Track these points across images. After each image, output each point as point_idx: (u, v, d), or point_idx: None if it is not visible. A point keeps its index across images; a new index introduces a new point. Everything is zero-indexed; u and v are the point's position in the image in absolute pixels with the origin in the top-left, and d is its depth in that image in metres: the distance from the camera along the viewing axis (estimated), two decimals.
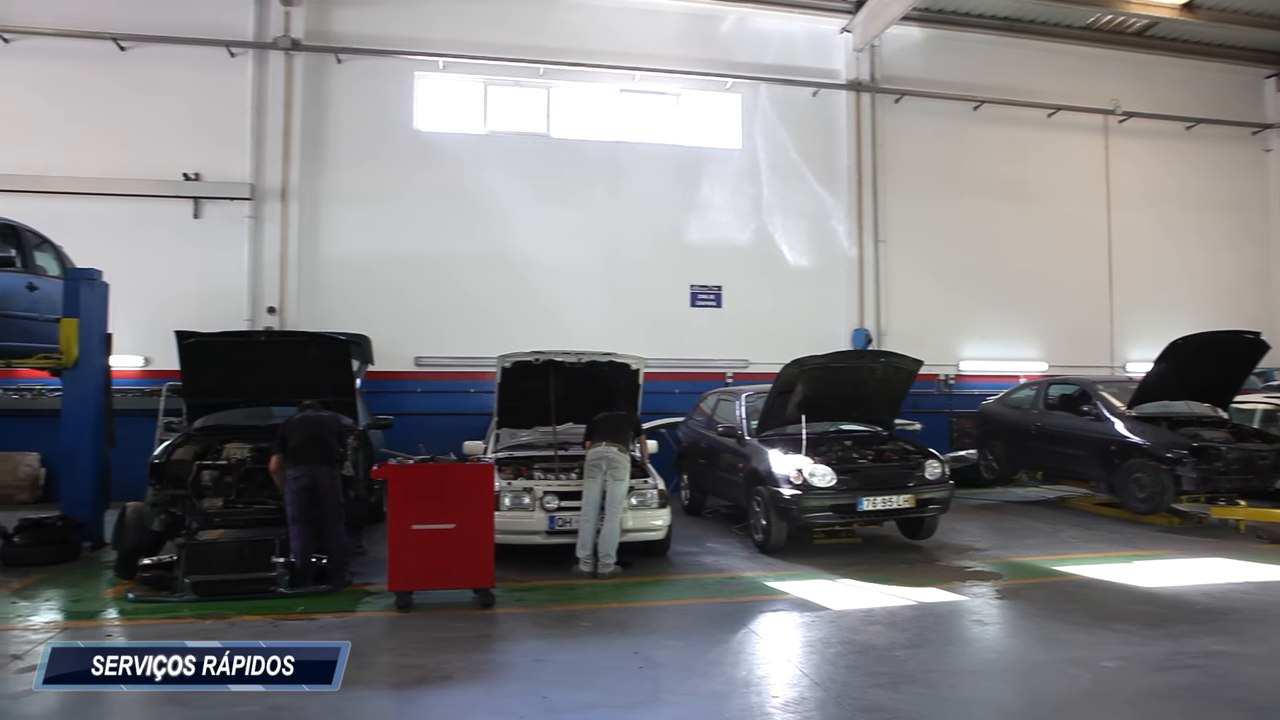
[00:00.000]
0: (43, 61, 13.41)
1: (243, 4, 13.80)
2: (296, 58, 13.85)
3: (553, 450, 9.11)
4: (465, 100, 14.69)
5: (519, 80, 14.69)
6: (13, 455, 12.71)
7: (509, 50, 14.32)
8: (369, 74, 14.16)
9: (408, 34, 14.17)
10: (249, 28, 13.80)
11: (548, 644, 6.24)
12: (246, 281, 13.50)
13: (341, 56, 14.05)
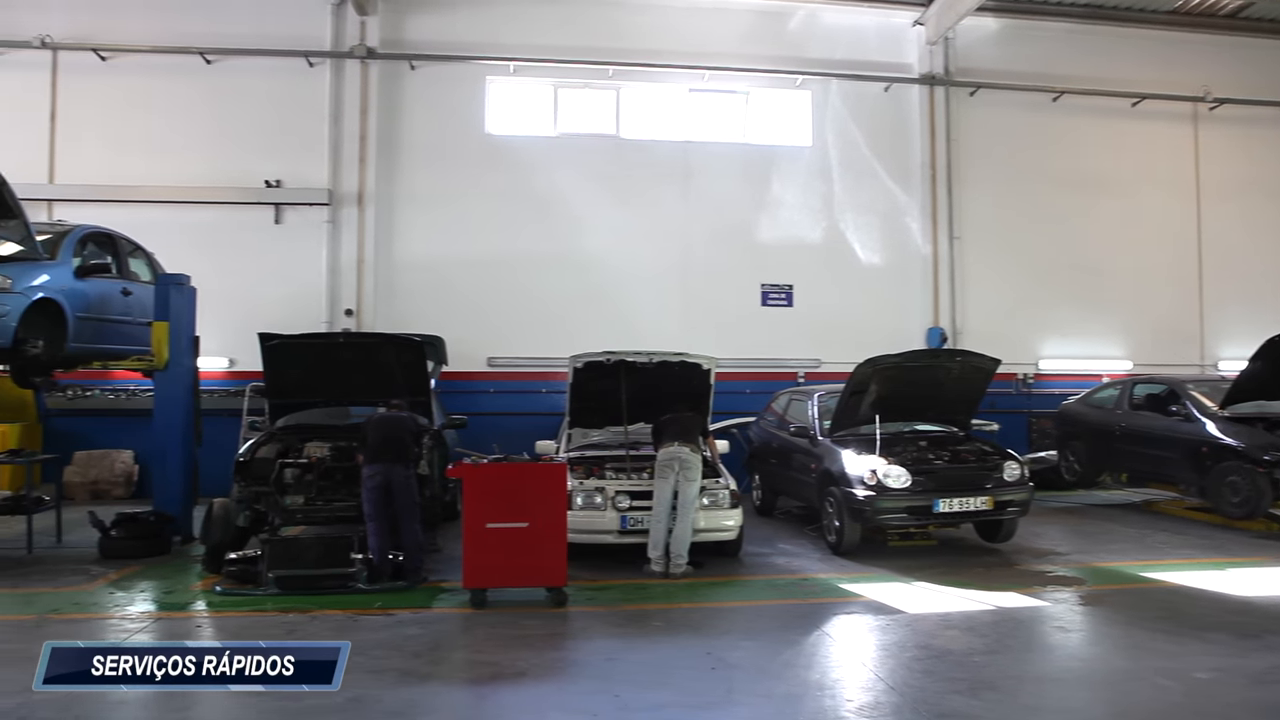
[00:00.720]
0: (136, 77, 14.00)
1: (321, 15, 14.19)
2: (372, 66, 14.18)
3: (624, 450, 9.14)
4: (536, 103, 14.84)
5: (588, 82, 14.79)
6: (109, 453, 13.31)
7: (578, 52, 14.43)
8: (441, 79, 14.42)
9: (479, 39, 14.38)
10: (326, 38, 14.18)
11: (620, 643, 6.27)
12: (325, 284, 13.89)
13: (415, 63, 14.32)
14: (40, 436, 13.14)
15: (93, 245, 9.62)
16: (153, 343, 9.68)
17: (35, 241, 8.60)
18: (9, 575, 8.24)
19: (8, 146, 13.19)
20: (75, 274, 8.92)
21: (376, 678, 5.40)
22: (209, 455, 10.50)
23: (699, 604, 7.40)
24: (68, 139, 13.89)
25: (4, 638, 6.39)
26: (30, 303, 8.16)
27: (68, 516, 9.99)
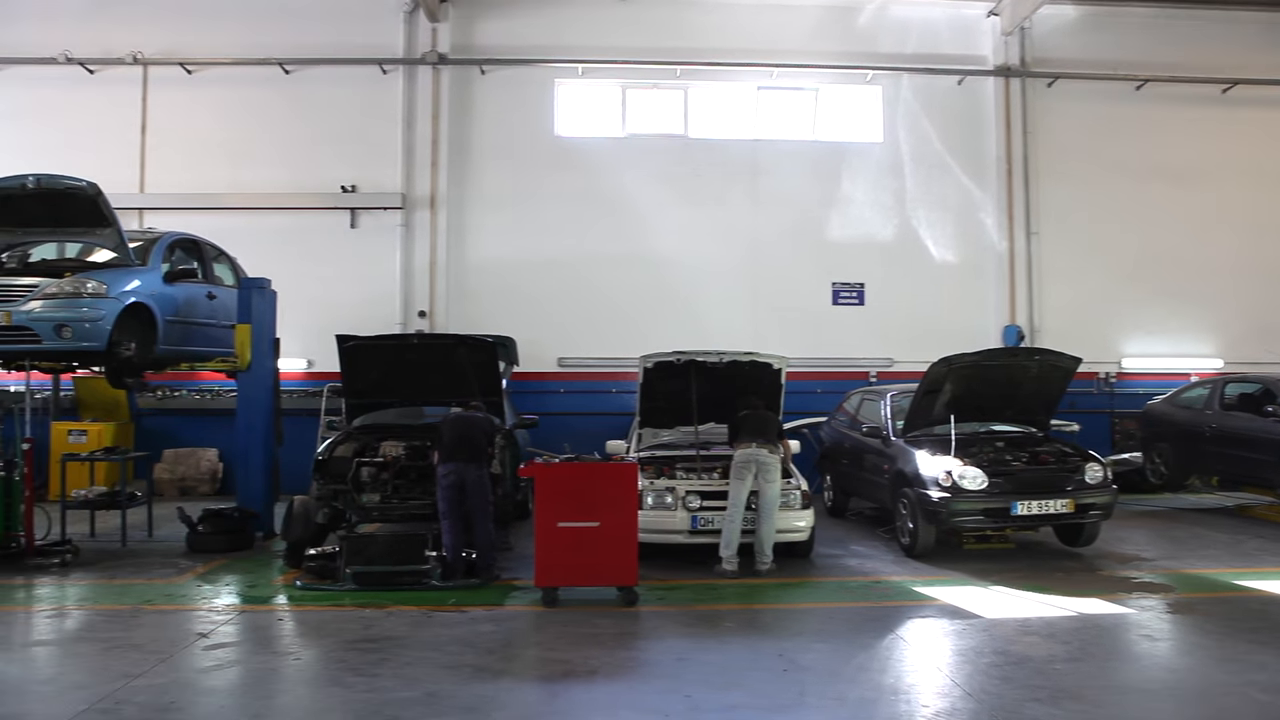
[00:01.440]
0: (219, 89, 14.50)
1: (393, 23, 14.48)
2: (443, 71, 14.44)
3: (695, 450, 9.13)
4: (604, 104, 14.93)
5: (656, 82, 14.81)
6: (195, 450, 13.81)
7: (646, 53, 14.45)
8: (511, 83, 14.59)
9: (547, 42, 14.51)
10: (399, 45, 14.47)
11: (691, 643, 6.26)
12: (399, 287, 14.18)
13: (485, 68, 14.53)
14: (132, 435, 13.68)
15: (180, 251, 10.02)
16: (236, 345, 10.01)
17: (128, 249, 8.99)
18: (105, 567, 8.63)
19: (103, 159, 13.74)
20: (164, 279, 9.31)
21: (451, 673, 5.49)
22: (289, 454, 10.81)
23: (770, 605, 7.36)
24: (156, 150, 14.46)
25: (104, 627, 6.70)
26: (123, 307, 8.54)
27: (157, 512, 10.39)
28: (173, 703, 5.05)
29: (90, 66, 14.38)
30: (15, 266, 8.86)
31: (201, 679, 5.54)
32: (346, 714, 4.85)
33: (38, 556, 8.64)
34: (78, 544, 9.02)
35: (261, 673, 5.73)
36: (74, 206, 8.63)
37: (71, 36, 14.33)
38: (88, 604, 7.38)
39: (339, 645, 6.10)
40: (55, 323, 8.22)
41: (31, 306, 8.23)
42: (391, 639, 6.21)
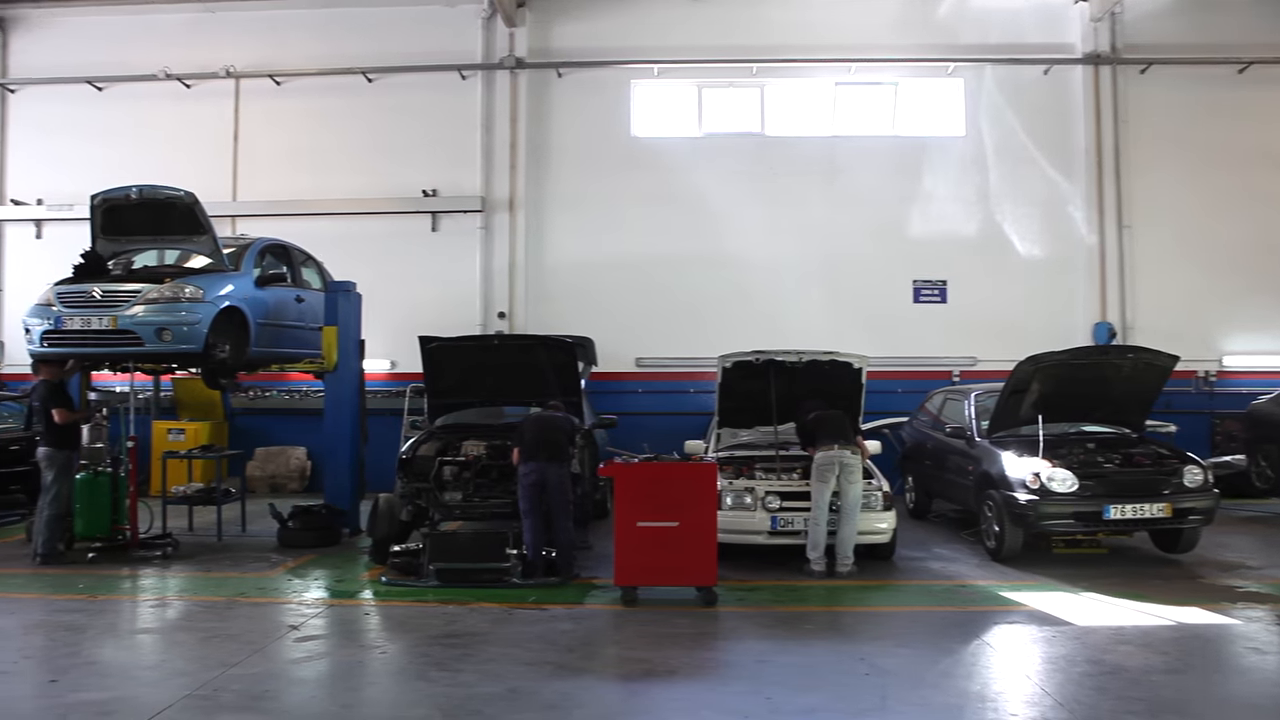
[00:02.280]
0: (306, 99, 14.98)
1: (472, 30, 14.74)
2: (521, 75, 14.63)
3: (774, 450, 9.05)
4: (680, 104, 14.92)
5: (732, 81, 14.75)
6: (285, 449, 14.28)
7: (722, 51, 14.40)
8: (587, 85, 14.70)
9: (623, 44, 14.57)
10: (478, 51, 14.72)
11: (771, 645, 6.21)
12: (479, 288, 14.41)
13: (562, 70, 14.67)
14: (226, 434, 14.23)
15: (270, 256, 10.36)
16: (323, 346, 10.30)
17: (222, 254, 9.35)
18: (203, 560, 8.99)
19: (200, 169, 14.34)
20: (256, 283, 9.64)
21: (532, 670, 5.55)
22: (374, 452, 11.08)
23: (851, 608, 7.25)
24: (247, 159, 15.02)
25: (202, 617, 6.99)
26: (218, 311, 8.87)
27: (250, 508, 10.81)
28: (266, 691, 5.23)
29: (188, 81, 15.00)
30: (120, 273, 9.30)
31: (293, 669, 5.72)
32: (431, 708, 4.93)
33: (141, 549, 9.06)
34: (177, 537, 9.44)
35: (349, 665, 5.90)
36: (173, 215, 9.03)
37: (170, 54, 14.98)
38: (187, 595, 7.70)
39: (423, 640, 6.23)
40: (156, 326, 8.59)
41: (134, 311, 8.61)
42: (474, 635, 6.31)
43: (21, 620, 6.95)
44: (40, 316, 8.78)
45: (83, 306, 8.71)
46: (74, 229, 13.78)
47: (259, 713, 4.90)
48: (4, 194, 15.55)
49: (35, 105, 15.56)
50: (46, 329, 8.73)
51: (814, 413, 8.60)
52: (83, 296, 8.75)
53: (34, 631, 6.66)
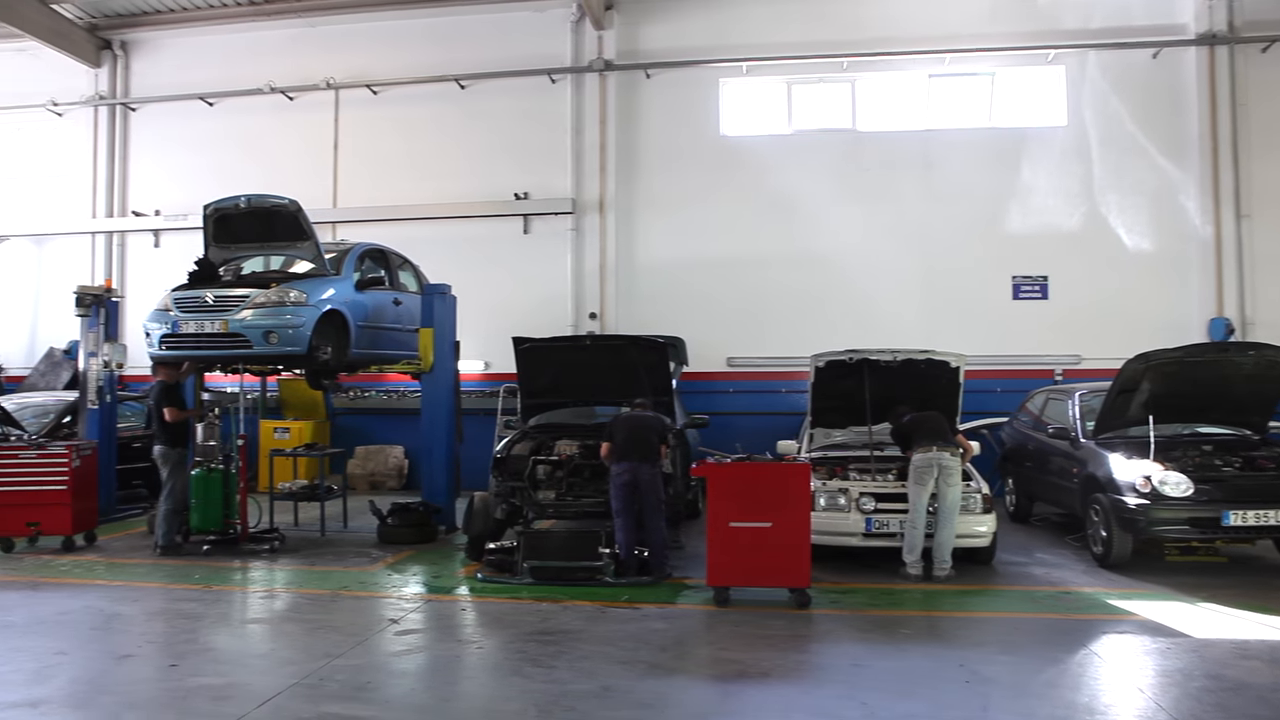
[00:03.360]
0: (401, 107, 15.41)
1: (561, 34, 14.91)
2: (609, 77, 14.72)
3: (868, 450, 8.89)
4: (769, 102, 14.79)
5: (822, 76, 14.54)
6: (384, 448, 14.71)
7: (811, 47, 14.21)
8: (676, 85, 14.70)
9: (711, 42, 14.52)
10: (567, 55, 14.89)
11: (866, 648, 6.10)
12: (570, 289, 14.57)
13: (650, 71, 14.70)
14: (328, 433, 14.75)
15: (369, 260, 10.67)
16: (420, 348, 10.56)
17: (324, 259, 9.68)
18: (307, 554, 9.33)
19: (302, 177, 14.97)
20: (355, 287, 9.94)
21: (626, 669, 5.58)
22: (468, 451, 11.32)
23: (949, 613, 7.06)
24: (346, 166, 15.56)
25: (307, 609, 7.26)
26: (321, 314, 9.18)
27: (351, 504, 11.15)
28: (369, 683, 5.39)
29: (290, 94, 15.62)
30: (230, 279, 9.73)
31: (393, 662, 5.89)
32: (526, 703, 5.01)
33: (250, 542, 9.47)
34: (284, 532, 9.83)
35: (447, 659, 6.04)
36: (278, 222, 9.40)
37: (274, 68, 15.64)
38: (293, 587, 8.00)
39: (518, 636, 6.33)
40: (263, 329, 8.94)
41: (243, 315, 8.97)
42: (567, 633, 6.38)
43: (144, 607, 7.34)
44: (159, 321, 9.24)
45: (197, 311, 9.13)
46: (188, 238, 14.59)
47: (362, 703, 5.05)
48: (126, 206, 16.46)
49: (153, 122, 16.45)
50: (164, 333, 9.19)
51: (910, 413, 8.43)
52: (196, 302, 9.17)
53: (156, 618, 7.03)
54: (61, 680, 5.50)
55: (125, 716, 4.87)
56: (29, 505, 9.34)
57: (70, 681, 5.49)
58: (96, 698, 5.20)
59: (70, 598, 7.54)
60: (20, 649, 6.10)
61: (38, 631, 6.53)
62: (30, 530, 9.41)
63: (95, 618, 6.92)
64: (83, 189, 16.53)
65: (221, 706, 4.93)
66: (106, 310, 11.24)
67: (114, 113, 16.49)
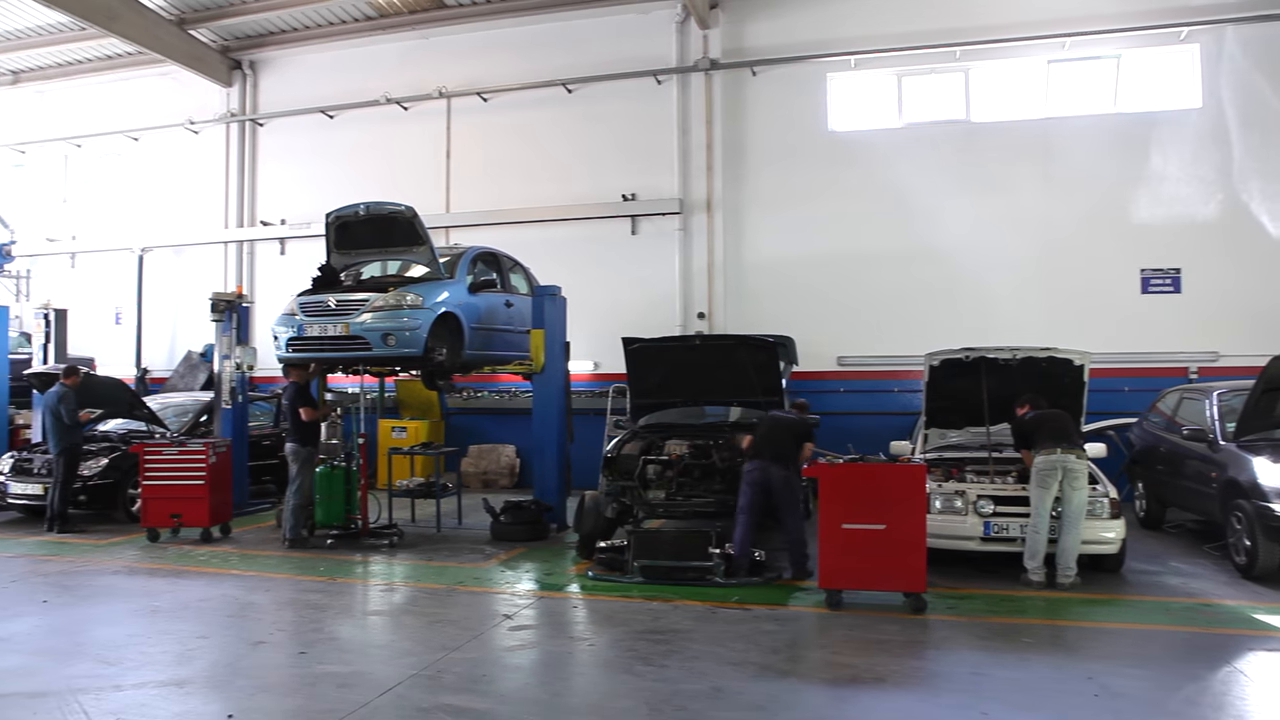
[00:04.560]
0: (510, 113, 15.75)
1: (666, 35, 14.94)
2: (715, 76, 14.67)
3: (986, 452, 8.59)
4: (878, 95, 14.46)
5: (934, 67, 14.11)
6: (496, 447, 15.05)
7: (922, 37, 13.81)
8: (782, 81, 14.53)
9: (818, 37, 14.30)
10: (672, 55, 14.90)
11: (986, 656, 5.88)
12: (678, 289, 14.56)
13: (756, 69, 14.58)
14: (443, 432, 15.19)
15: (481, 264, 10.93)
16: (531, 349, 10.74)
17: (439, 263, 9.96)
18: (424, 549, 9.62)
19: (417, 183, 15.52)
20: (469, 290, 10.20)
21: (737, 670, 5.55)
22: (578, 451, 11.47)
23: (1075, 622, 6.75)
24: (458, 172, 16.00)
25: (425, 602, 7.48)
26: (436, 316, 9.44)
27: (465, 502, 11.44)
28: (484, 676, 5.52)
29: (405, 104, 16.16)
30: (351, 284, 10.12)
31: (507, 656, 6.01)
32: (638, 700, 5.04)
33: (371, 537, 9.84)
34: (402, 528, 10.15)
35: (559, 655, 6.12)
36: (395, 228, 9.72)
37: (390, 80, 16.23)
38: (411, 581, 8.26)
39: (628, 635, 6.37)
40: (382, 332, 9.26)
41: (363, 318, 9.32)
42: (677, 632, 6.39)
43: (274, 597, 7.71)
44: (286, 325, 9.69)
45: (320, 315, 9.52)
46: (311, 245, 15.28)
47: (478, 695, 5.18)
48: (255, 216, 17.37)
49: (279, 136, 17.32)
50: (291, 336, 9.62)
51: (1030, 413, 8.11)
52: (320, 306, 9.57)
53: (285, 608, 7.37)
54: (203, 662, 5.84)
55: (259, 698, 5.13)
56: (171, 499, 9.97)
57: (210, 664, 5.82)
58: (234, 680, 5.50)
59: (209, 586, 7.99)
60: (167, 632, 6.53)
61: (181, 616, 6.96)
62: (173, 522, 10.03)
63: (231, 605, 7.32)
64: (216, 201, 17.54)
65: (346, 694, 5.13)
66: (238, 315, 11.87)
67: (244, 128, 17.42)
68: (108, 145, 18.42)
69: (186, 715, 4.90)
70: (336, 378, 12.17)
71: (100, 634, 6.52)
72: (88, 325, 17.25)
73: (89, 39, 16.94)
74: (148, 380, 16.94)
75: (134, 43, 15.85)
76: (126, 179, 18.42)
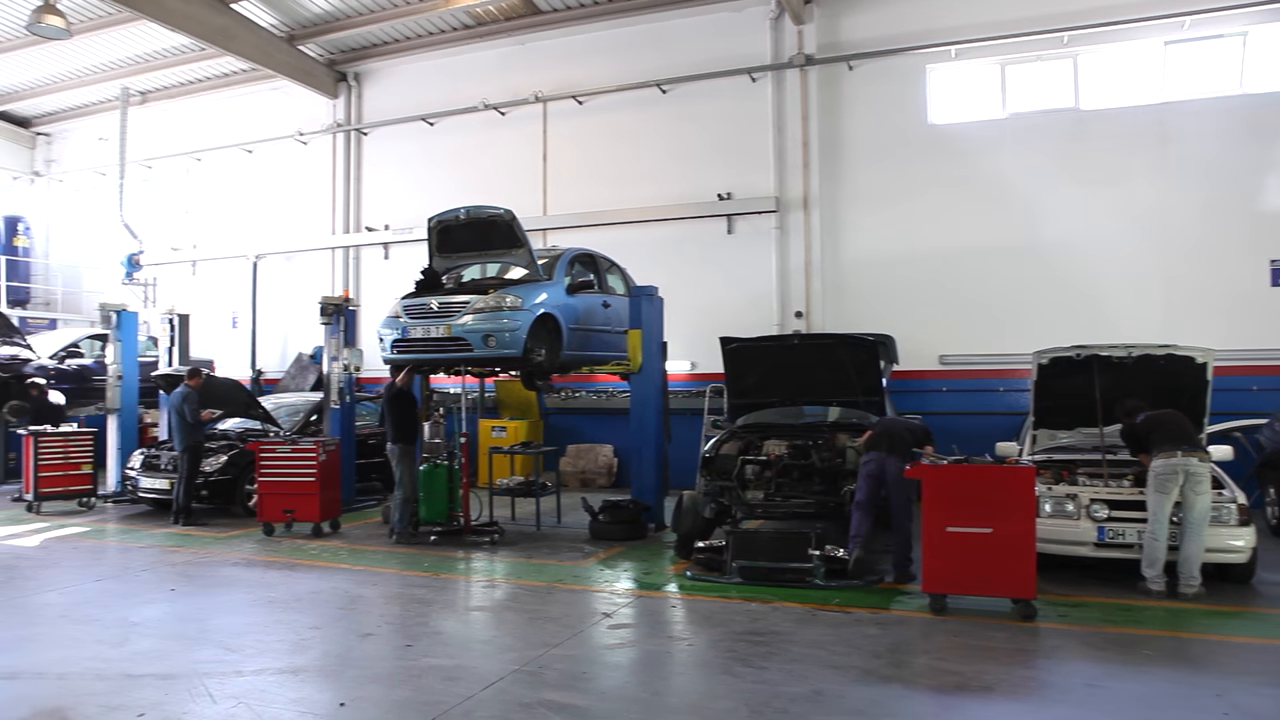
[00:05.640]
0: (605, 115, 15.90)
1: (760, 31, 14.81)
2: (810, 72, 14.46)
3: (1099, 454, 8.23)
4: (980, 86, 14.01)
5: (1039, 54, 13.58)
6: (594, 446, 15.19)
7: (1026, 24, 13.30)
8: (879, 75, 14.24)
9: (916, 28, 13.94)
10: (767, 52, 14.76)
11: (1101, 668, 5.63)
12: (775, 288, 14.41)
13: (852, 63, 14.31)
14: (542, 431, 15.41)
15: (579, 265, 11.05)
16: (628, 349, 10.80)
17: (537, 265, 10.11)
18: (524, 547, 9.78)
19: (514, 187, 15.81)
20: (567, 291, 10.32)
21: (838, 673, 5.46)
22: (675, 450, 11.47)
23: (1200, 635, 6.40)
24: (554, 175, 16.24)
25: (525, 599, 7.60)
26: (535, 318, 9.58)
27: (563, 501, 11.59)
28: (584, 673, 5.57)
29: (502, 109, 16.48)
30: (452, 287, 10.37)
31: (606, 654, 6.05)
32: (737, 702, 5.01)
33: (473, 534, 10.05)
34: (502, 525, 10.35)
35: (658, 654, 6.13)
36: (495, 231, 9.91)
37: (487, 87, 16.59)
38: (512, 578, 8.40)
39: (727, 635, 6.34)
40: (483, 333, 9.45)
41: (464, 320, 9.53)
42: (777, 634, 6.33)
43: (382, 590, 7.95)
44: (391, 327, 10.00)
45: (423, 317, 9.80)
46: (413, 249, 15.74)
47: (578, 692, 5.23)
48: (360, 222, 17.99)
49: (381, 144, 17.91)
50: (396, 338, 9.92)
51: (1145, 413, 7.72)
52: (423, 309, 9.84)
53: (392, 601, 7.60)
54: (316, 652, 6.07)
55: (369, 688, 5.31)
56: (285, 495, 10.42)
57: (322, 654, 6.05)
58: (345, 670, 5.71)
59: (320, 579, 8.31)
60: (282, 622, 6.82)
61: (295, 607, 7.25)
62: (286, 517, 10.47)
63: (341, 598, 7.59)
64: (323, 209, 18.24)
65: (451, 687, 5.26)
66: (345, 318, 12.31)
67: (349, 138, 18.07)
68: (224, 158, 19.38)
69: (302, 702, 5.10)
70: (439, 378, 12.46)
71: (222, 622, 6.85)
72: (207, 329, 18.17)
73: (208, 58, 17.86)
74: (262, 381, 17.72)
75: (248, 60, 16.65)
76: (241, 189, 19.37)
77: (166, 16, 14.82)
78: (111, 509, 12.69)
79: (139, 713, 4.90)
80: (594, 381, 15.06)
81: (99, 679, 5.48)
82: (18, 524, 11.49)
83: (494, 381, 14.88)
